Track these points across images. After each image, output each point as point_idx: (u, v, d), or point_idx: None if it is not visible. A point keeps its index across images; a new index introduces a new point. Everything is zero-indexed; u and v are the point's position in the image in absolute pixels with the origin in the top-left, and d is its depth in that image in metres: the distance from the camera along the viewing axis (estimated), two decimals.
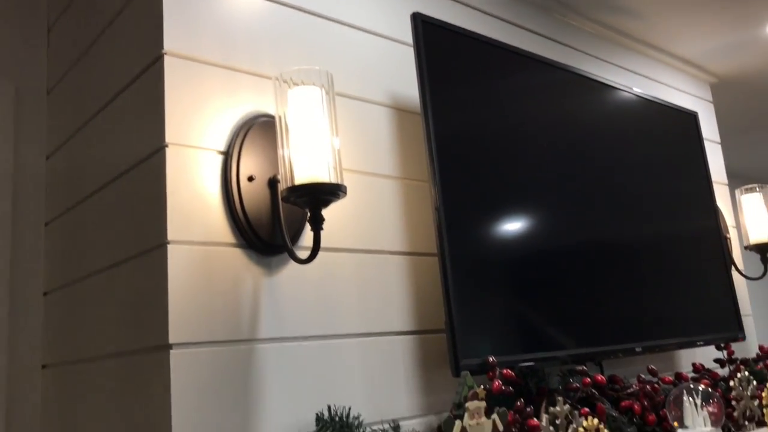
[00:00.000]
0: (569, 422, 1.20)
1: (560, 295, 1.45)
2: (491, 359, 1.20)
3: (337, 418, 1.03)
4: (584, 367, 1.31)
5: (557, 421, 1.18)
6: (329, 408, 1.04)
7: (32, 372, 1.37)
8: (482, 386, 1.04)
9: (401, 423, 1.14)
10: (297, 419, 1.07)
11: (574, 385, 1.29)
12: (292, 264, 1.13)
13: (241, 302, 1.06)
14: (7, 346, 1.35)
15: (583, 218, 1.57)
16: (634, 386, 1.44)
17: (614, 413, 1.38)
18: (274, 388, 1.06)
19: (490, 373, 1.19)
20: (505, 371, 1.19)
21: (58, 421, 1.29)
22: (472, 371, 1.14)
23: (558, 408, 1.18)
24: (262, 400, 1.04)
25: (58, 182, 1.42)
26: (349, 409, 1.05)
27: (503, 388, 1.17)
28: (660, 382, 1.46)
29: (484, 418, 1.02)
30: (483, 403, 1.03)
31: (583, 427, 1.17)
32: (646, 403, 1.40)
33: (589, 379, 1.29)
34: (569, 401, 1.26)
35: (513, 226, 1.43)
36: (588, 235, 1.57)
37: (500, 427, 1.04)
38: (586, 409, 1.24)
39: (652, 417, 1.40)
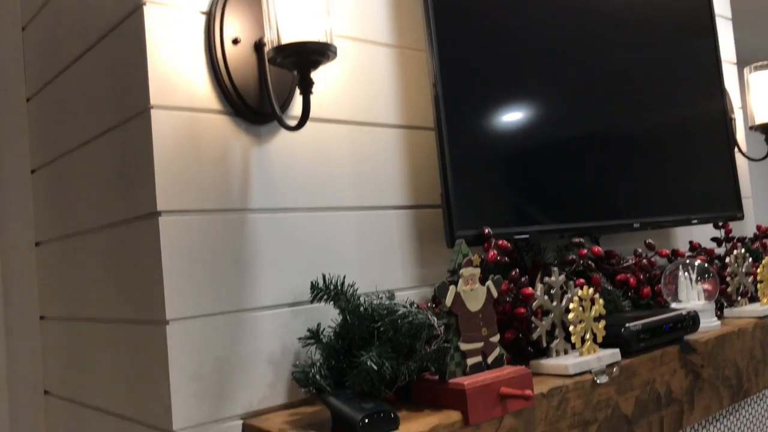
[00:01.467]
0: (564, 292, 1.20)
1: (558, 170, 1.42)
2: (487, 230, 1.19)
3: (332, 287, 1.02)
4: (581, 239, 1.30)
5: (552, 291, 1.18)
6: (324, 277, 1.03)
7: (26, 249, 1.36)
8: (477, 255, 1.03)
9: (396, 294, 1.14)
10: (292, 288, 1.07)
11: (570, 257, 1.29)
12: (283, 134, 1.09)
13: (231, 171, 1.03)
14: None
15: (585, 94, 1.52)
16: (630, 260, 1.44)
17: (609, 287, 1.39)
18: (268, 258, 1.05)
19: (486, 244, 1.18)
20: (500, 242, 1.18)
21: (55, 293, 1.30)
22: (468, 242, 1.12)
23: (553, 278, 1.18)
24: (255, 269, 1.03)
25: (36, 55, 1.35)
26: (344, 277, 1.04)
27: (498, 258, 1.16)
28: (657, 256, 1.46)
29: (478, 285, 1.02)
30: (478, 270, 1.02)
31: (578, 297, 1.17)
32: (641, 276, 1.40)
33: (585, 251, 1.28)
34: (565, 273, 1.26)
35: (513, 101, 1.37)
36: (589, 111, 1.52)
37: (494, 293, 1.04)
38: (582, 280, 1.24)
39: (646, 290, 1.40)
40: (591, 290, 1.19)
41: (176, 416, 0.93)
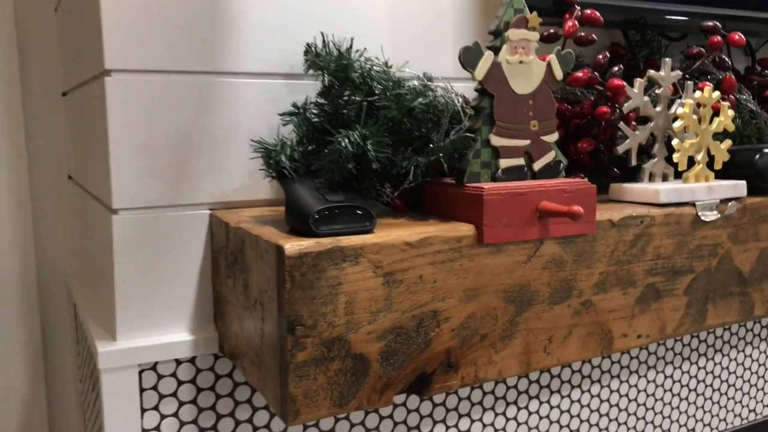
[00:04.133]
0: (678, 97, 0.85)
1: None
2: None
3: (334, 51, 0.75)
4: (714, 23, 0.91)
5: (658, 91, 0.83)
6: (323, 37, 0.76)
7: (47, 16, 1.20)
8: (535, 14, 0.70)
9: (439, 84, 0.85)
10: (288, 55, 0.81)
11: (696, 50, 0.91)
12: None
13: None
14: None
15: None
16: None
17: (753, 106, 1.00)
18: (255, 9, 0.79)
19: (567, 14, 0.83)
20: (588, 12, 0.83)
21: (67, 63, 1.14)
22: (541, 13, 0.79)
23: (662, 72, 0.83)
24: (236, 22, 0.78)
25: None
26: (352, 40, 0.76)
27: (582, 34, 0.82)
28: None
29: (533, 57, 0.70)
30: (534, 35, 0.70)
31: (695, 101, 0.82)
32: None
33: (718, 38, 0.89)
34: (684, 72, 0.89)
35: None
36: None
37: (558, 73, 0.72)
38: (707, 83, 0.87)
39: None
40: (717, 94, 0.83)
41: (117, 193, 0.74)
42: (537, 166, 0.72)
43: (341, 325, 0.60)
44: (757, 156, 0.86)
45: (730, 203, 0.82)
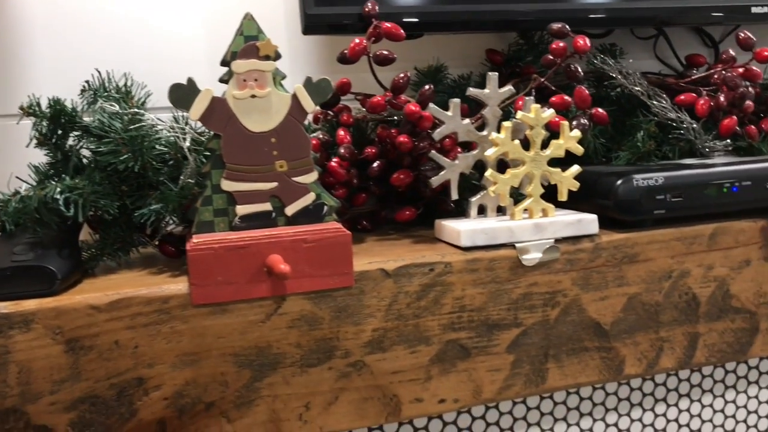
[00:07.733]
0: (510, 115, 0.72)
1: None
2: (369, 5, 0.73)
3: (112, 88, 0.71)
4: (563, 25, 0.75)
5: (484, 111, 0.71)
6: (100, 74, 0.72)
7: None
8: (269, 40, 0.61)
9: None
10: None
11: (549, 58, 0.76)
12: None
13: None
14: None
15: None
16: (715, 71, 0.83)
17: (672, 113, 0.83)
18: (42, 41, 0.77)
19: (369, 30, 0.73)
20: (387, 25, 0.72)
21: None
22: (349, 28, 0.70)
23: (487, 90, 0.70)
24: (17, 70, 0.77)
25: None
26: (128, 75, 0.72)
27: (384, 52, 0.71)
28: (755, 62, 0.83)
29: (270, 90, 0.62)
30: (269, 65, 0.61)
31: (518, 120, 0.68)
32: (722, 98, 0.80)
33: (560, 44, 0.74)
34: (527, 82, 0.76)
35: None
36: None
37: (308, 105, 0.63)
38: (565, 96, 0.73)
39: (728, 122, 0.81)
40: (550, 112, 0.69)
41: None
42: (290, 210, 0.64)
43: (15, 395, 0.56)
44: (619, 182, 0.71)
45: (548, 247, 0.68)
